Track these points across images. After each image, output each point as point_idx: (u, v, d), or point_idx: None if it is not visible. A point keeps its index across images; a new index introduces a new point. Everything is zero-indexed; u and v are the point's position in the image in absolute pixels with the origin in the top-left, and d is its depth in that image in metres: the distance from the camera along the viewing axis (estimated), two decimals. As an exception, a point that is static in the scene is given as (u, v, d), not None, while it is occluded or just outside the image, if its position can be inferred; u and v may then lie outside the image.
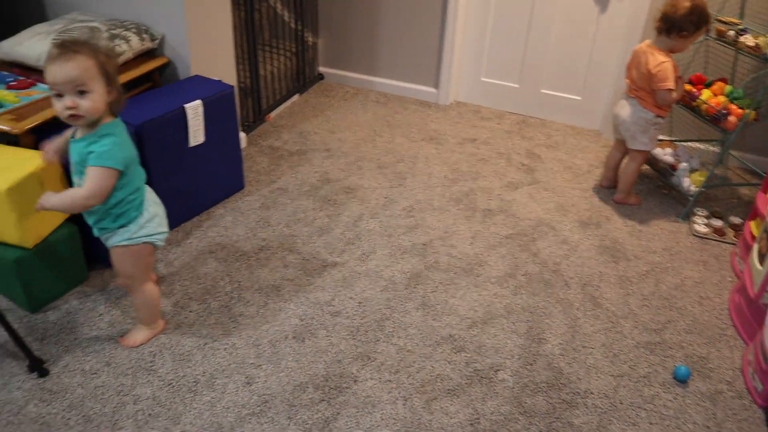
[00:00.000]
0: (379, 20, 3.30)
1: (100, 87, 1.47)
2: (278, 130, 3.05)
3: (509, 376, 1.79)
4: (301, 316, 1.96)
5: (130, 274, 1.74)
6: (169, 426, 1.62)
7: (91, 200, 1.54)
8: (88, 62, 1.44)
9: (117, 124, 1.56)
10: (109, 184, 1.53)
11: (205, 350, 1.83)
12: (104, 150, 1.50)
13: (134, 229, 1.65)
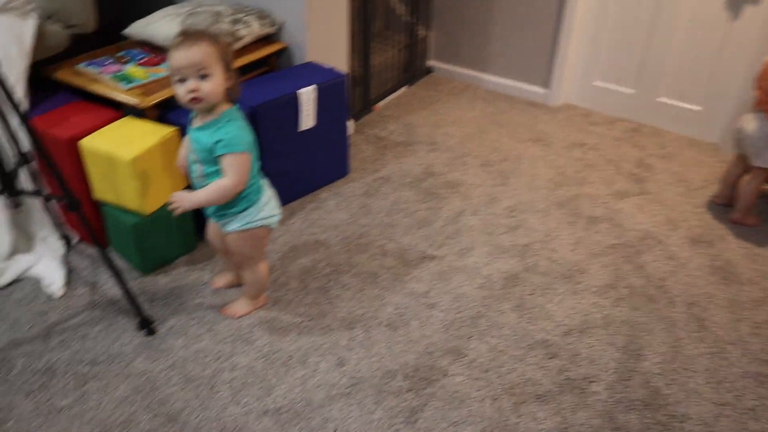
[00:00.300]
0: (492, 16, 3.27)
1: (220, 72, 1.52)
2: (385, 121, 3.09)
3: (603, 389, 1.73)
4: (396, 304, 1.97)
5: (249, 256, 1.80)
6: (262, 396, 1.68)
7: (238, 187, 1.60)
8: (210, 48, 1.50)
9: (236, 110, 1.62)
10: (247, 167, 1.59)
11: (300, 328, 1.88)
12: (232, 136, 1.55)
13: (254, 213, 1.69)
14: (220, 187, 1.59)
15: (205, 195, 1.61)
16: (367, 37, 2.93)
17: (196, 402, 1.66)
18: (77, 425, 1.61)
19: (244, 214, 1.69)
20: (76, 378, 1.73)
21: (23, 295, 2.00)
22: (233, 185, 1.59)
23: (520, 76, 3.36)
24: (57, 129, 1.93)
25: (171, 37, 2.23)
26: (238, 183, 1.59)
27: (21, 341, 1.85)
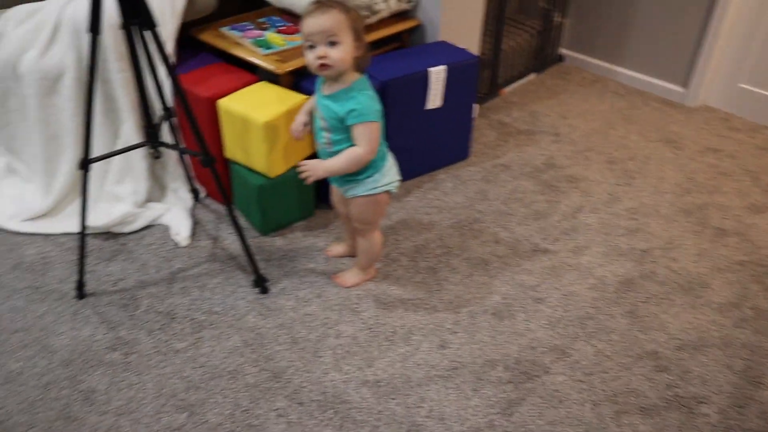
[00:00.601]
0: (635, 6, 3.11)
1: (349, 40, 1.54)
2: (509, 107, 3.03)
3: (714, 412, 1.65)
4: (503, 294, 1.96)
5: (370, 221, 1.83)
6: (363, 366, 1.72)
7: (370, 155, 1.63)
8: (340, 16, 1.52)
9: (366, 80, 1.64)
10: (378, 136, 1.63)
11: (407, 305, 1.91)
12: (364, 106, 1.57)
13: (378, 178, 1.72)
14: (353, 156, 1.62)
15: (338, 163, 1.65)
16: (501, 19, 2.88)
17: (300, 363, 1.73)
18: (190, 368, 1.71)
19: (369, 180, 1.72)
20: (193, 324, 1.84)
21: (153, 241, 2.14)
22: (365, 154, 1.62)
23: (657, 71, 3.19)
24: (198, 87, 2.04)
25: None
26: (370, 151, 1.62)
27: (147, 283, 1.98)
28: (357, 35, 1.56)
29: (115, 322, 1.85)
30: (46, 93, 2.09)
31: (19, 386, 1.68)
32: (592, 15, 3.30)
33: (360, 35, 1.57)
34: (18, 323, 1.86)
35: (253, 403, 1.62)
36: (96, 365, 1.73)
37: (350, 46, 1.54)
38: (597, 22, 3.30)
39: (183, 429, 1.57)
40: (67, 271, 2.03)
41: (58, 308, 1.90)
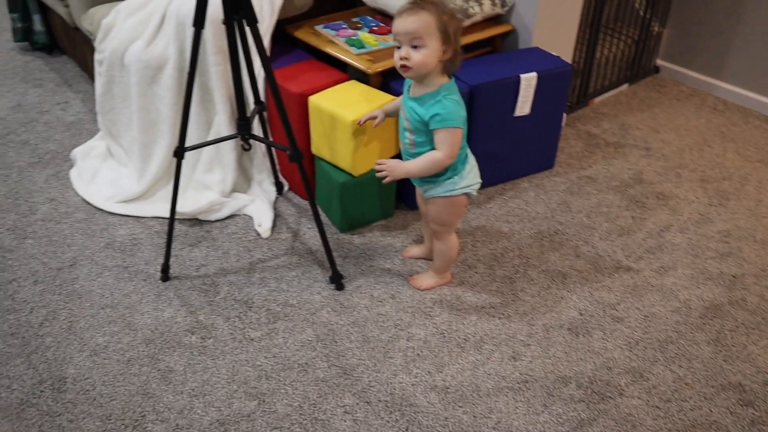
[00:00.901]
0: (739, 18, 2.96)
1: (435, 44, 1.52)
2: (599, 117, 2.95)
3: (802, 451, 1.56)
4: (581, 310, 1.91)
5: (447, 223, 1.82)
6: (432, 371, 1.71)
7: (448, 161, 1.63)
8: (429, 19, 1.50)
9: (453, 84, 1.63)
10: (458, 142, 1.62)
11: (481, 313, 1.89)
12: (448, 111, 1.57)
13: (458, 181, 1.72)
14: (432, 160, 1.63)
15: (417, 166, 1.66)
16: (596, 27, 2.80)
17: (370, 362, 1.74)
18: (263, 357, 1.75)
19: (448, 182, 1.72)
20: (269, 314, 1.88)
21: (236, 230, 2.20)
22: (445, 158, 1.62)
23: (761, 87, 3.03)
24: (290, 83, 2.08)
25: (404, 7, 2.31)
26: (449, 156, 1.62)
27: (228, 271, 2.04)
28: (446, 38, 1.54)
29: (195, 307, 1.92)
30: (148, 82, 2.18)
31: (103, 359, 1.77)
32: (693, 26, 3.17)
33: (450, 38, 1.55)
34: (106, 299, 1.96)
35: (321, 398, 1.65)
36: (175, 346, 1.79)
37: (435, 49, 1.53)
38: (698, 33, 3.16)
39: (252, 416, 1.61)
40: (154, 254, 2.12)
41: (144, 288, 1.99)
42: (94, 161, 2.49)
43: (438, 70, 1.58)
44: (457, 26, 1.58)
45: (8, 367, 1.77)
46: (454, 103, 1.59)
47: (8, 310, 1.94)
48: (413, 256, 2.08)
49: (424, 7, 1.52)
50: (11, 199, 2.42)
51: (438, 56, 1.55)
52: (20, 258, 2.13)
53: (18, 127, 2.87)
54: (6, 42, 3.71)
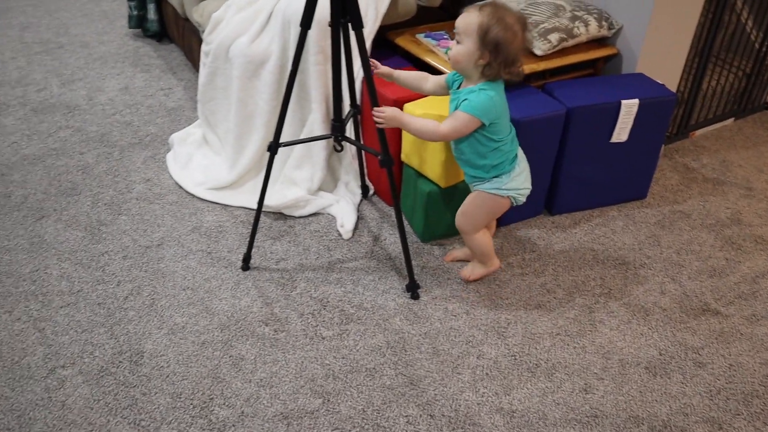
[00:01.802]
0: None
1: (470, 45, 1.59)
2: (699, 151, 2.83)
3: None
4: (661, 350, 1.83)
5: (474, 220, 1.86)
6: (499, 392, 1.68)
7: (442, 138, 1.69)
8: (473, 19, 1.57)
9: (497, 85, 1.66)
10: (465, 131, 1.67)
11: (555, 339, 1.84)
12: (477, 100, 1.63)
13: (506, 181, 1.77)
14: (429, 126, 1.69)
15: (413, 122, 1.71)
16: (706, 56, 2.69)
17: (438, 376, 1.72)
18: (332, 357, 1.77)
19: (496, 180, 1.77)
20: (342, 315, 1.89)
21: (318, 228, 2.24)
22: (441, 133, 1.67)
23: None
24: (387, 89, 2.09)
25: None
26: (445, 135, 1.68)
27: (306, 267, 2.07)
28: (483, 43, 1.57)
29: (272, 299, 1.95)
30: (249, 76, 2.25)
31: (180, 339, 1.83)
32: (812, 65, 2.99)
33: (488, 44, 1.57)
34: (188, 281, 2.02)
35: (386, 405, 1.64)
36: (248, 335, 1.83)
37: (468, 50, 1.59)
38: (817, 74, 2.98)
39: (316, 414, 1.62)
40: (237, 242, 2.17)
41: (224, 275, 2.04)
42: (189, 147, 2.58)
43: (478, 72, 1.64)
44: (504, 37, 1.57)
45: (93, 335, 1.85)
46: (487, 98, 1.63)
47: (98, 280, 2.04)
48: (456, 259, 2.09)
49: (481, 9, 1.58)
50: (111, 175, 2.54)
51: (471, 57, 1.60)
52: (113, 232, 2.23)
53: (123, 109, 3.02)
54: (121, 28, 3.92)
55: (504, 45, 1.57)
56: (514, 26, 1.58)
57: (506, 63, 1.60)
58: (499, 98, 1.67)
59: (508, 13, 1.58)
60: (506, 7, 1.60)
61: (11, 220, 2.31)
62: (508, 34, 1.57)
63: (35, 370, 1.75)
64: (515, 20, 1.58)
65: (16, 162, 2.64)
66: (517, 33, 1.59)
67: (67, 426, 1.61)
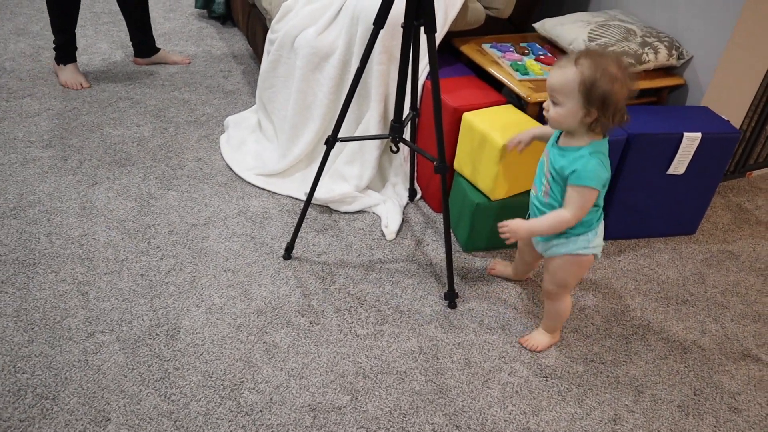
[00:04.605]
0: None
1: (572, 105, 1.44)
2: (755, 192, 2.77)
3: None
4: (696, 390, 1.79)
5: (566, 284, 1.72)
6: (528, 412, 1.67)
7: (574, 221, 1.54)
8: (571, 77, 1.41)
9: (604, 143, 1.52)
10: (590, 204, 1.52)
11: (589, 366, 1.82)
12: (588, 170, 1.47)
13: (591, 238, 1.62)
14: (558, 219, 1.54)
15: (542, 225, 1.58)
16: (774, 98, 2.63)
17: (467, 387, 1.71)
18: (364, 355, 1.77)
19: (582, 238, 1.62)
20: (378, 315, 1.90)
21: (362, 226, 2.24)
22: (572, 219, 1.52)
23: None
24: (448, 96, 2.09)
25: (575, 42, 2.26)
26: (576, 217, 1.53)
27: (347, 264, 2.08)
28: (588, 101, 1.42)
29: (310, 291, 1.97)
30: (312, 68, 2.27)
31: (216, 319, 1.85)
32: None
33: (594, 101, 1.42)
34: (230, 263, 2.05)
35: (413, 410, 1.64)
36: (283, 324, 1.85)
37: (571, 110, 1.44)
38: None
39: (343, 410, 1.63)
40: (281, 231, 2.19)
41: (265, 261, 2.06)
42: (243, 131, 2.61)
43: (584, 129, 1.49)
44: (611, 90, 1.40)
45: (133, 304, 1.89)
46: (599, 164, 1.49)
47: (143, 252, 2.08)
48: (498, 274, 2.06)
49: (578, 62, 1.42)
50: (165, 150, 2.58)
51: (576, 117, 1.45)
52: (162, 207, 2.27)
53: (182, 86, 3.07)
54: (188, 7, 3.98)
55: (612, 98, 1.41)
56: (618, 74, 1.40)
57: (614, 116, 1.44)
58: (607, 159, 1.53)
59: (608, 61, 1.41)
60: (604, 54, 1.44)
61: (66, 183, 2.37)
62: (616, 86, 1.40)
63: (75, 332, 1.80)
64: (618, 67, 1.41)
65: (75, 127, 2.71)
66: (624, 81, 1.41)
67: (100, 390, 1.64)
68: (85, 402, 1.62)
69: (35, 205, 2.25)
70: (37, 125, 2.70)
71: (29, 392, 1.63)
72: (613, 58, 1.42)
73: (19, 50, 3.32)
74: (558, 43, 2.37)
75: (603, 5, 2.69)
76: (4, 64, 3.17)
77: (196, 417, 1.59)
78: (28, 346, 1.76)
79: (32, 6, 3.63)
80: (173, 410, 1.60)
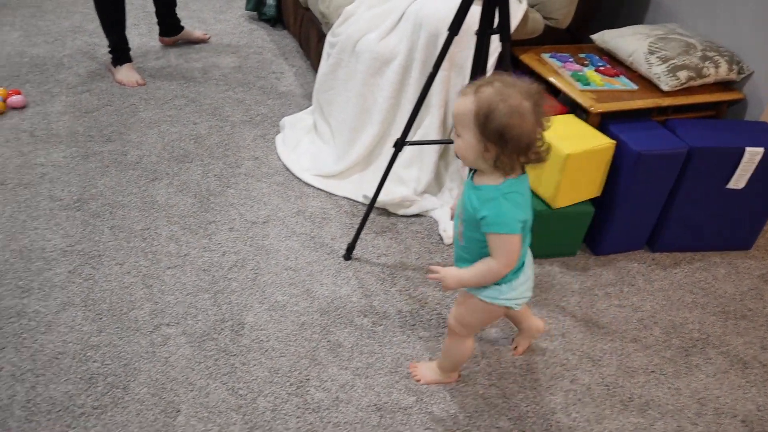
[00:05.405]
0: None
1: (470, 137, 1.27)
2: (806, 210, 2.75)
3: None
4: (760, 405, 1.78)
5: (470, 326, 1.58)
6: (591, 420, 1.67)
7: (506, 269, 1.37)
8: (466, 108, 1.25)
9: (518, 183, 1.33)
10: (517, 249, 1.34)
11: (650, 376, 1.82)
12: (499, 215, 1.30)
13: (505, 291, 1.45)
14: (487, 269, 1.37)
15: (470, 275, 1.41)
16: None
17: (531, 393, 1.72)
18: (428, 357, 1.79)
19: (494, 288, 1.45)
20: (439, 318, 1.92)
21: (420, 230, 2.26)
22: (500, 268, 1.36)
23: None
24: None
25: (635, 54, 2.27)
26: (507, 266, 1.36)
27: (407, 266, 2.10)
28: (484, 134, 1.24)
29: (371, 292, 1.99)
30: (373, 73, 2.30)
31: (280, 317, 1.88)
32: None
33: (490, 136, 1.23)
34: (291, 262, 2.08)
35: (477, 413, 1.66)
36: (347, 324, 1.87)
37: (469, 143, 1.27)
38: None
39: (409, 410, 1.64)
40: (340, 231, 2.22)
41: (326, 261, 2.09)
42: (299, 132, 2.65)
43: (489, 166, 1.30)
44: (508, 123, 1.21)
45: (197, 299, 1.92)
46: (513, 205, 1.30)
47: (204, 247, 2.11)
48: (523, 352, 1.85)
49: (478, 90, 1.24)
50: (222, 148, 2.62)
51: (475, 151, 1.28)
52: (221, 204, 2.31)
53: (236, 86, 3.11)
54: (238, 8, 4.04)
55: (510, 132, 1.22)
56: (520, 106, 1.21)
57: (519, 152, 1.25)
58: (524, 201, 1.35)
59: (513, 92, 1.22)
60: (508, 83, 1.24)
61: (126, 177, 2.42)
62: (514, 119, 1.21)
63: (142, 324, 1.83)
64: (522, 97, 1.21)
65: (133, 123, 2.76)
66: (525, 114, 1.21)
67: (169, 381, 1.67)
68: (155, 393, 1.65)
69: (98, 198, 2.30)
70: (97, 120, 2.76)
71: (100, 380, 1.67)
72: (522, 89, 1.23)
73: (76, 47, 3.39)
74: (617, 55, 2.38)
75: (660, 18, 2.69)
76: (63, 60, 3.24)
77: (264, 412, 1.62)
78: (97, 335, 1.79)
79: (87, 5, 3.70)
80: (241, 404, 1.63)
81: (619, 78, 2.25)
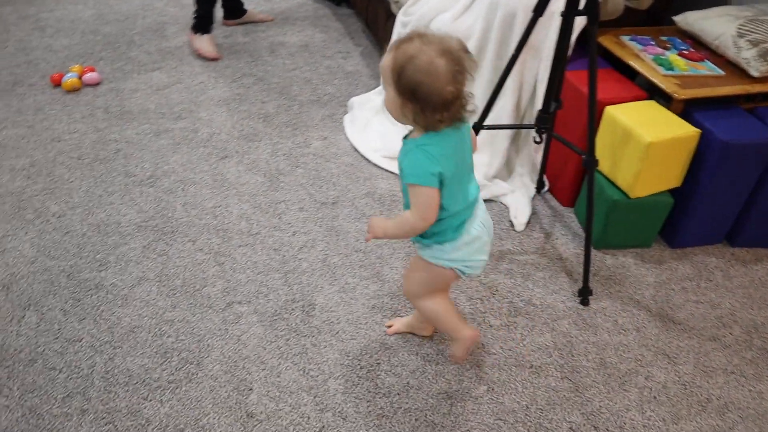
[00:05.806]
0: None
1: (391, 92, 1.26)
2: None
3: None
4: None
5: (413, 291, 1.58)
6: (667, 419, 1.62)
7: (421, 223, 1.35)
8: (387, 63, 1.24)
9: (442, 137, 1.29)
10: (431, 202, 1.31)
11: (729, 377, 1.75)
12: (411, 166, 1.29)
13: (446, 249, 1.43)
14: (403, 221, 1.37)
15: (392, 227, 1.40)
16: None
17: (604, 388, 1.68)
18: (498, 346, 1.77)
19: (435, 247, 1.44)
20: (510, 307, 1.89)
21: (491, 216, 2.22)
22: (415, 221, 1.34)
23: None
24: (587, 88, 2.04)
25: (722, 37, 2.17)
26: (422, 219, 1.33)
27: (476, 252, 2.07)
28: (399, 91, 1.23)
29: (440, 277, 1.97)
30: (447, 53, 2.25)
31: (350, 299, 1.88)
32: None
33: (405, 90, 1.22)
34: (360, 244, 2.07)
35: (549, 406, 1.63)
36: (416, 308, 1.86)
37: (391, 97, 1.27)
38: None
39: (480, 400, 1.63)
40: (408, 215, 2.20)
41: (396, 245, 2.08)
42: (368, 113, 2.63)
43: (411, 122, 1.29)
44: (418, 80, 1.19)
45: (268, 278, 1.94)
46: (426, 157, 1.27)
47: (275, 227, 2.12)
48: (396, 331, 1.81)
49: (398, 46, 1.24)
50: (290, 128, 2.63)
51: (395, 106, 1.27)
52: (290, 183, 2.32)
53: (303, 65, 3.11)
54: (304, -14, 4.03)
55: (421, 88, 1.20)
56: (432, 64, 1.18)
57: (434, 109, 1.22)
58: (442, 153, 1.28)
59: (426, 48, 1.19)
60: (427, 40, 1.21)
61: (197, 155, 2.45)
62: (423, 77, 1.19)
63: (214, 301, 1.86)
64: (437, 54, 1.18)
65: (203, 101, 2.78)
66: (436, 72, 1.18)
67: (241, 360, 1.70)
68: (228, 370, 1.67)
69: (170, 175, 2.34)
70: (167, 98, 2.80)
71: (175, 355, 1.70)
72: (440, 47, 1.20)
73: (146, 25, 3.44)
74: (701, 38, 2.27)
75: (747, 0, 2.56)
76: (134, 38, 3.30)
77: (335, 394, 1.62)
78: (171, 310, 1.83)
79: (156, -19, 3.75)
80: (312, 386, 1.64)
81: (704, 63, 2.15)
